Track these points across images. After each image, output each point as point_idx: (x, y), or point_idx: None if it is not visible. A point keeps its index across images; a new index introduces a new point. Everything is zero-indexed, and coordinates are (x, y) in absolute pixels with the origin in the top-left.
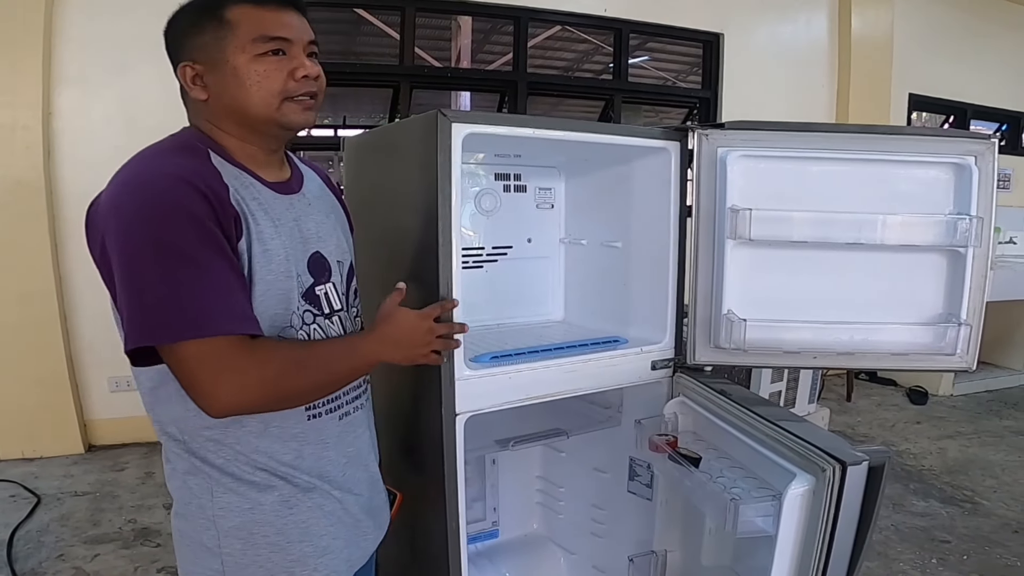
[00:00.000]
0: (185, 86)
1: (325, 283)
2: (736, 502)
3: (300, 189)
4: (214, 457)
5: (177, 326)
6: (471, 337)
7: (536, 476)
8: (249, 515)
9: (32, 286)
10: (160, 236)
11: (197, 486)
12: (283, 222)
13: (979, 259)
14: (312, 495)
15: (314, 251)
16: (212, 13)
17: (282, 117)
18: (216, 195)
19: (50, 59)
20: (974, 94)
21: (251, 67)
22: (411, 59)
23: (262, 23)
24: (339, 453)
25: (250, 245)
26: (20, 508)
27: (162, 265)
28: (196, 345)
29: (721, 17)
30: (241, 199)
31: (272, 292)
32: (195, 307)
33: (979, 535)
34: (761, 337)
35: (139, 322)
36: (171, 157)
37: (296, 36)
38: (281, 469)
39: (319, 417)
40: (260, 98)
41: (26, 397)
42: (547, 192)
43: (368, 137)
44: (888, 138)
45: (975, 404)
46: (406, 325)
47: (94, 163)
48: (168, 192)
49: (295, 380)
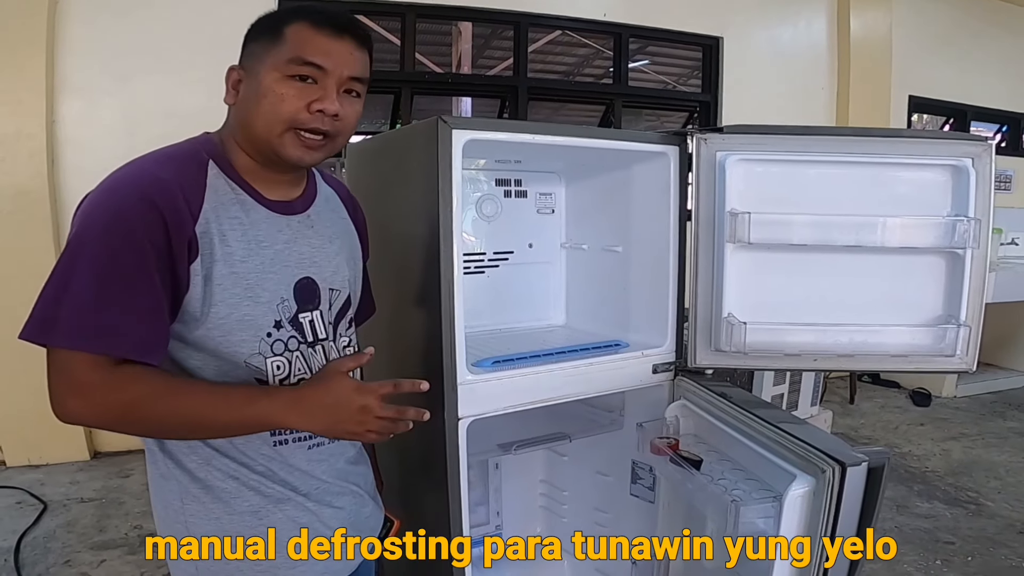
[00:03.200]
0: (226, 87)
1: (312, 311)
2: (737, 504)
3: (305, 210)
4: (187, 460)
5: (32, 326)
6: (473, 342)
7: (539, 480)
8: (217, 524)
9: (36, 294)
10: (86, 240)
11: (170, 492)
12: (268, 244)
13: (978, 260)
14: (284, 506)
15: (303, 276)
16: (274, 25)
17: (280, 147)
18: (176, 215)
19: (53, 67)
20: (974, 96)
21: (274, 86)
22: (412, 65)
23: (305, 45)
24: (310, 475)
25: (210, 266)
26: (27, 515)
27: (69, 267)
28: (54, 352)
29: (720, 21)
30: (214, 219)
31: (236, 315)
32: (62, 315)
33: (983, 536)
34: (762, 340)
35: (33, 313)
36: (157, 166)
37: (334, 67)
38: (252, 480)
39: (285, 444)
40: (265, 120)
41: (31, 404)
42: (548, 197)
43: (370, 143)
44: (886, 141)
45: (979, 405)
46: (334, 395)
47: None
48: (121, 203)
49: (155, 411)
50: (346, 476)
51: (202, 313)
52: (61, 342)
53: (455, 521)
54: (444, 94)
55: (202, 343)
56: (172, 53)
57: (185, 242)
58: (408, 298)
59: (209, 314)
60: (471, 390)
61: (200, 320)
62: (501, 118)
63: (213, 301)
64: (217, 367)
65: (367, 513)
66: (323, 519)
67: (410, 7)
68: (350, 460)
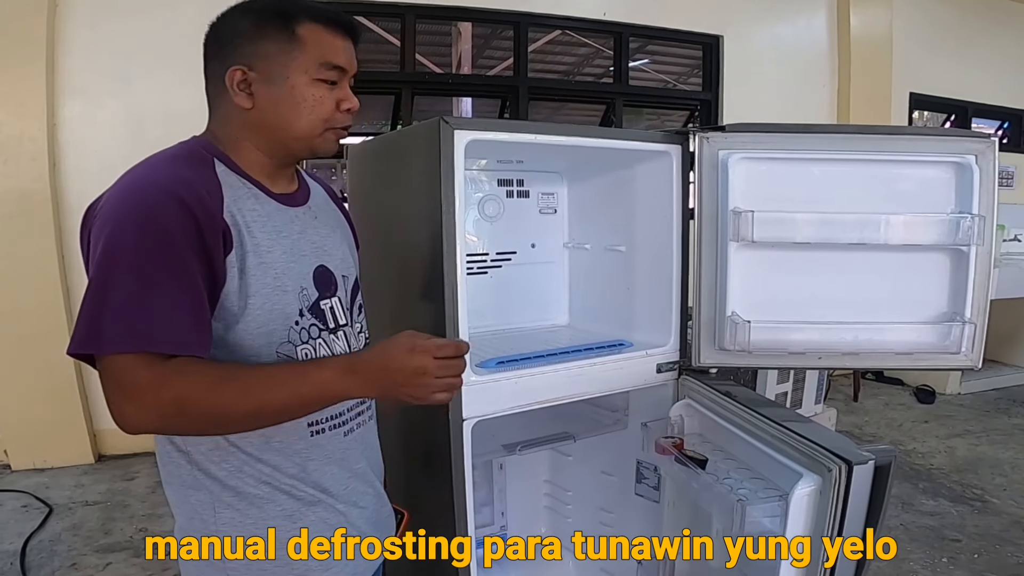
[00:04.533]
0: (230, 90)
1: (331, 297)
2: (743, 503)
3: (307, 202)
4: (216, 469)
5: (78, 340)
6: (477, 343)
7: (544, 480)
8: (252, 529)
9: (40, 297)
10: (120, 246)
11: (199, 502)
12: (286, 234)
13: (982, 257)
14: (316, 509)
15: (319, 264)
16: (282, 23)
17: (321, 144)
18: (205, 210)
19: (54, 70)
20: (975, 92)
21: (308, 90)
22: (412, 66)
23: (330, 49)
24: (343, 469)
25: (243, 257)
26: (32, 518)
27: (106, 276)
28: (102, 361)
29: (720, 19)
30: (236, 212)
31: (268, 306)
32: (104, 323)
33: (990, 533)
34: (766, 338)
35: (76, 328)
36: (173, 167)
37: (350, 67)
38: (285, 483)
39: (322, 433)
40: (308, 122)
41: (36, 408)
42: (550, 197)
43: (371, 144)
44: (888, 138)
45: (983, 402)
46: (388, 358)
47: (100, 173)
48: (152, 206)
49: (209, 402)
50: (374, 468)
51: (239, 307)
52: (107, 348)
53: (460, 522)
54: (444, 95)
55: (241, 339)
56: (173, 54)
57: (219, 234)
58: (411, 299)
59: (247, 307)
60: (475, 391)
61: (237, 315)
62: (502, 118)
63: (249, 293)
64: (254, 362)
65: (386, 513)
66: (351, 520)
67: (410, 8)
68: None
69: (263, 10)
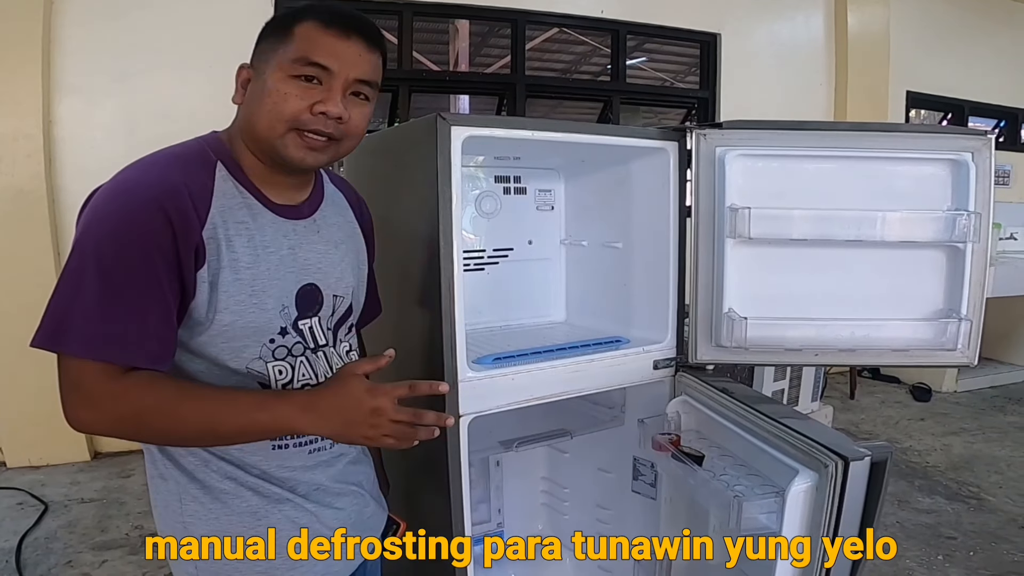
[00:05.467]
0: (235, 86)
1: (311, 317)
2: (739, 499)
3: (311, 214)
4: (184, 461)
5: (44, 333)
6: (474, 339)
7: (541, 477)
8: (216, 524)
9: (35, 295)
10: (95, 246)
11: (167, 492)
12: (273, 250)
13: (978, 254)
14: (282, 507)
15: (307, 282)
16: (286, 23)
17: (282, 147)
18: (185, 221)
19: (50, 68)
20: (972, 91)
21: (278, 85)
22: (409, 63)
23: (311, 45)
24: (309, 478)
25: (216, 273)
26: (28, 515)
27: (78, 274)
28: (63, 360)
29: (718, 17)
30: (220, 224)
31: (240, 322)
32: (72, 323)
33: (985, 531)
34: (762, 335)
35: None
36: (168, 169)
37: (340, 68)
38: (250, 480)
39: (285, 448)
40: (267, 119)
41: (31, 405)
42: (547, 194)
43: (368, 141)
44: (885, 135)
45: (979, 400)
46: (346, 398)
47: (95, 171)
48: (130, 208)
49: (163, 421)
50: (347, 477)
51: (207, 319)
52: (71, 349)
53: (457, 519)
54: (442, 92)
55: (205, 348)
56: (169, 52)
57: (192, 249)
58: (408, 296)
59: (214, 320)
60: (472, 387)
61: (204, 326)
62: (499, 116)
63: (218, 308)
64: (219, 372)
65: (369, 513)
66: (322, 519)
67: (407, 5)
68: (351, 460)
69: (280, 15)
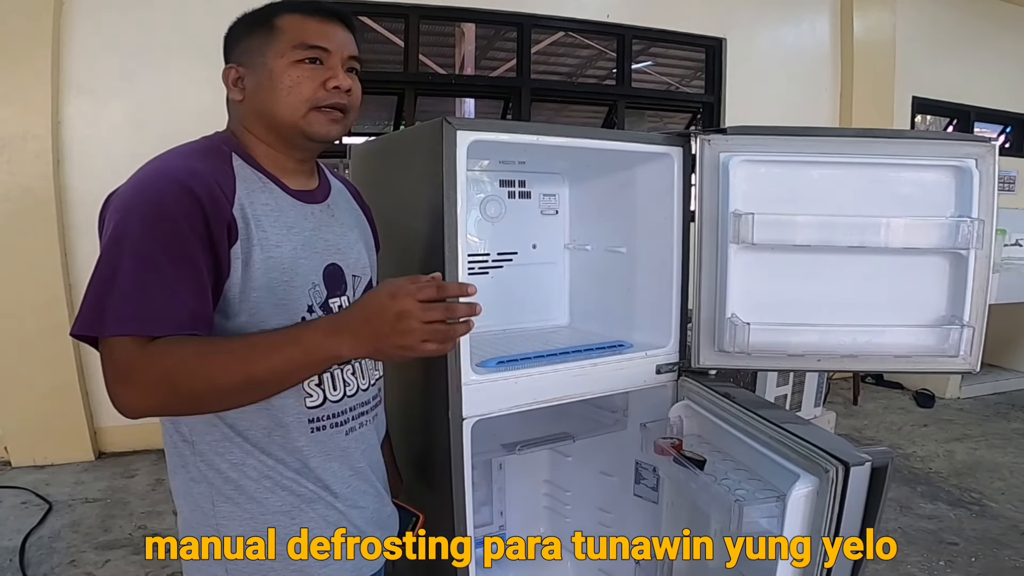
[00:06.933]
0: (227, 87)
1: (340, 296)
2: (740, 503)
3: (325, 200)
4: (220, 460)
5: (81, 321)
6: (477, 342)
7: (543, 480)
8: (251, 524)
9: (42, 294)
10: (126, 233)
11: (200, 495)
12: (298, 230)
13: (981, 261)
14: (316, 506)
15: (331, 262)
16: (264, 20)
17: (307, 126)
18: (214, 201)
19: (59, 68)
20: (978, 97)
21: (286, 72)
22: (415, 66)
23: (305, 31)
24: (344, 466)
25: (248, 251)
26: (32, 515)
27: (112, 261)
28: (104, 344)
29: (723, 22)
30: (248, 205)
31: (272, 300)
32: (108, 305)
33: (987, 537)
34: (765, 340)
35: (80, 311)
36: (187, 159)
37: (336, 48)
38: (286, 478)
39: (323, 430)
40: (288, 104)
41: (37, 405)
42: (551, 198)
43: (374, 144)
44: (889, 142)
45: (982, 406)
46: (371, 309)
47: (103, 171)
48: (158, 192)
49: (196, 376)
50: (375, 468)
51: (240, 300)
52: (109, 331)
53: (459, 521)
54: (447, 95)
55: (241, 329)
56: (178, 52)
57: (224, 226)
58: None
59: (249, 300)
60: (475, 390)
61: (238, 307)
62: (504, 119)
63: (252, 286)
64: None
65: (388, 512)
66: (351, 519)
67: (413, 8)
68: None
69: (252, 13)
